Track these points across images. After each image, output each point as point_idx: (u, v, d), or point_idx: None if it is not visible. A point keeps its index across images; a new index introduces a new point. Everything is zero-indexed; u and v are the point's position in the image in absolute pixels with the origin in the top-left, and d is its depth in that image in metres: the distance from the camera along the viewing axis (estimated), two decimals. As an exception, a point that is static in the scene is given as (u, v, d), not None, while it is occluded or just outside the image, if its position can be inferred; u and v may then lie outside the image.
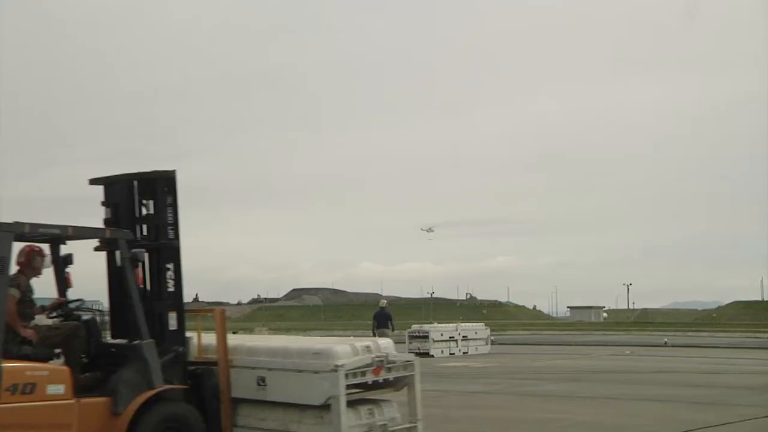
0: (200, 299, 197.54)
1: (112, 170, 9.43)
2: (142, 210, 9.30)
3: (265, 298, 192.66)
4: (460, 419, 13.84)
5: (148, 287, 9.19)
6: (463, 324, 35.83)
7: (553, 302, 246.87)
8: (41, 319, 8.84)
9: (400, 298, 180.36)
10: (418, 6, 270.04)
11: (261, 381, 8.99)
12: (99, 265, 9.39)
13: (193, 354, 9.38)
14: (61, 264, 9.15)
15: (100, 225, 9.23)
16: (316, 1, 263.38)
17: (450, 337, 32.43)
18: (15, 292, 8.22)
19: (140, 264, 8.99)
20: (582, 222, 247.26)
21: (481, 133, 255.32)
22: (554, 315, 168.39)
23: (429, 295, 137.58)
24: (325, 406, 8.53)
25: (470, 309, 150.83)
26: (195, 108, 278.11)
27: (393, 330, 28.36)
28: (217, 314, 9.42)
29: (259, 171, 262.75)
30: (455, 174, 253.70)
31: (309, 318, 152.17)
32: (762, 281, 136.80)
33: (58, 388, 7.92)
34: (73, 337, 8.62)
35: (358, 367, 8.68)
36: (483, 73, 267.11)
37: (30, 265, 8.49)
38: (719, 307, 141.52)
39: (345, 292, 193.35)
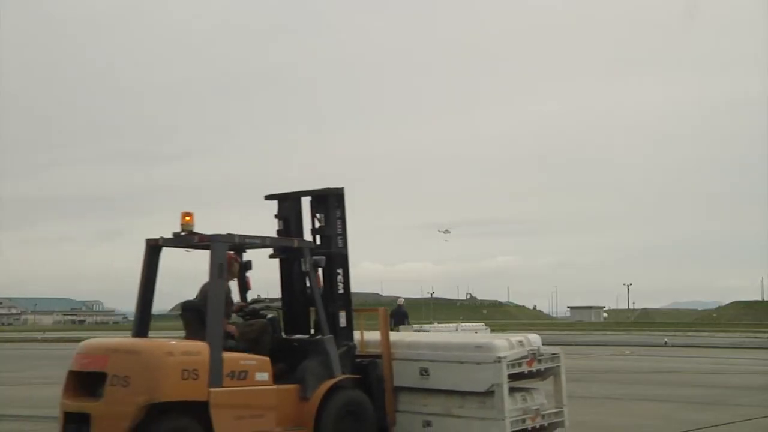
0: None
1: (112, 170, 9.72)
2: (315, 222, 10.47)
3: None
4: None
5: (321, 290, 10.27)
6: (463, 324, 35.78)
7: (553, 302, 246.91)
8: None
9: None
10: (418, 6, 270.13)
11: (424, 371, 10.10)
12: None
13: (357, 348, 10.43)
14: (243, 269, 10.39)
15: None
16: (316, 1, 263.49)
17: (450, 337, 32.38)
18: (229, 293, 9.51)
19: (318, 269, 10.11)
20: (582, 222, 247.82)
21: (481, 133, 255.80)
22: (554, 315, 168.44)
23: (429, 295, 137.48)
24: (487, 393, 9.58)
25: (470, 309, 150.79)
26: (195, 108, 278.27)
27: (411, 327, 28.69)
28: (380, 313, 10.63)
29: (260, 171, 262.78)
30: (455, 174, 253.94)
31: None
32: (762, 281, 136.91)
33: (263, 376, 9.11)
34: (263, 333, 9.81)
35: (516, 359, 9.77)
36: (483, 73, 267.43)
37: (229, 270, 9.48)
38: (719, 307, 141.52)
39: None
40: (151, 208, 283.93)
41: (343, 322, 10.13)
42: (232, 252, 9.68)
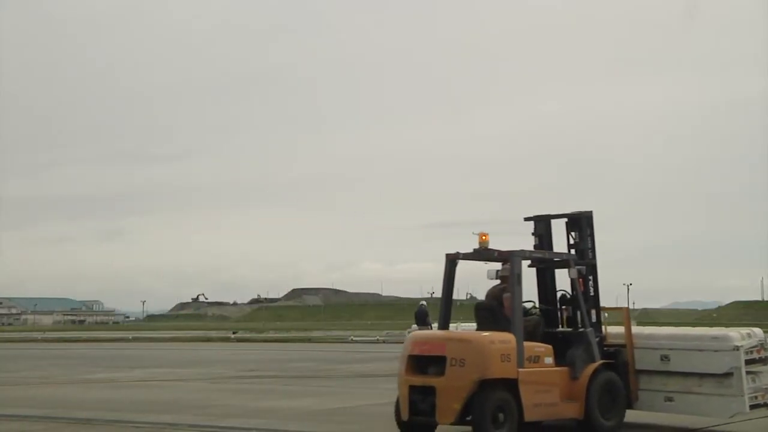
0: (200, 299, 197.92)
1: (112, 170, 9.70)
2: (569, 239, 12.89)
3: (265, 298, 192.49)
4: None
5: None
6: (463, 324, 35.71)
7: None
8: None
9: (400, 298, 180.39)
10: (418, 6, 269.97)
11: (664, 357, 12.35)
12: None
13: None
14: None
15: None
16: (316, 1, 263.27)
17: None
18: (508, 296, 11.79)
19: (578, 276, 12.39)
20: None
21: (481, 133, 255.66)
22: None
23: (429, 295, 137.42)
24: (725, 375, 11.81)
25: (471, 309, 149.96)
26: (195, 108, 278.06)
27: (430, 326, 29.61)
28: (624, 311, 13.41)
29: (260, 171, 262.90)
30: (455, 174, 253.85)
31: (309, 318, 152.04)
32: (762, 281, 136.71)
33: (549, 360, 11.62)
34: (536, 326, 12.16)
35: (750, 347, 11.98)
36: (483, 73, 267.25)
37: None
38: (719, 307, 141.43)
39: (345, 292, 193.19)
40: (151, 208, 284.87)
41: (594, 318, 12.49)
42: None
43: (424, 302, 32.98)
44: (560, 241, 13.05)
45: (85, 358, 34.19)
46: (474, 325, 12.44)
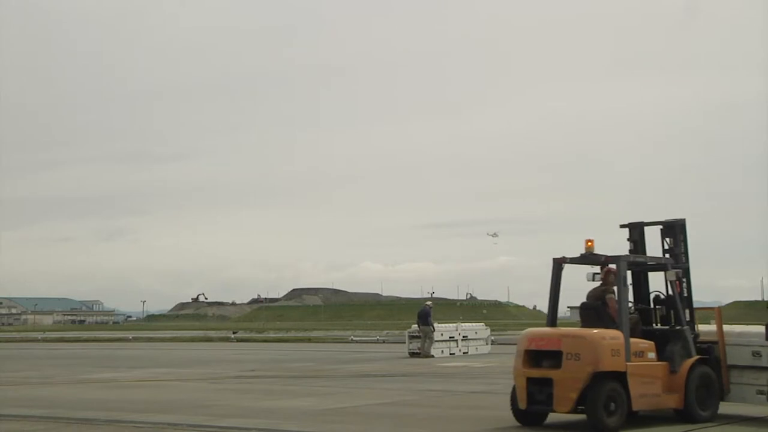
0: (200, 299, 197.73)
1: (112, 170, 9.65)
2: (664, 244, 13.98)
3: (265, 298, 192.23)
4: (461, 419, 13.86)
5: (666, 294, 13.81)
6: (463, 324, 35.80)
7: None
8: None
9: (400, 298, 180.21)
10: (418, 6, 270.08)
11: (756, 354, 13.27)
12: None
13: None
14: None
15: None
16: (317, 1, 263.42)
17: (450, 337, 32.43)
18: (612, 296, 13.01)
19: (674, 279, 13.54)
20: (582, 222, 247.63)
21: (481, 133, 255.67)
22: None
23: (429, 295, 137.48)
24: None
25: (470, 309, 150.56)
26: (195, 108, 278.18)
27: (432, 327, 31.06)
28: (717, 311, 14.30)
29: (260, 171, 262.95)
30: (455, 174, 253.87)
31: (309, 318, 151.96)
32: (762, 281, 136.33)
33: (652, 355, 12.80)
34: (636, 324, 13.34)
35: None
36: (483, 73, 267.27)
37: (608, 280, 13.21)
38: (719, 307, 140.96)
39: (345, 292, 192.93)
40: (151, 208, 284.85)
41: (688, 317, 13.52)
42: (611, 266, 13.13)
43: (430, 303, 33.69)
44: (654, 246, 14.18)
45: (85, 358, 34.19)
46: (474, 324, 12.75)
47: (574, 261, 13.40)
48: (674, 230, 13.94)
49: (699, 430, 12.55)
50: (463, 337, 32.90)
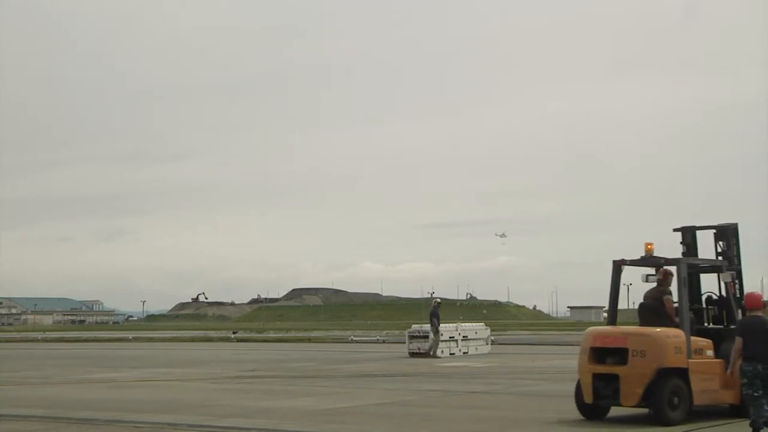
0: (200, 299, 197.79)
1: (112, 170, 9.64)
2: (717, 247, 14.74)
3: (265, 298, 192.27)
4: (461, 419, 13.86)
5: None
6: (463, 324, 35.80)
7: (553, 302, 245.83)
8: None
9: (400, 298, 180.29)
10: (419, 7, 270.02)
11: None
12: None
13: None
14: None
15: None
16: (317, 1, 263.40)
17: (450, 337, 32.39)
18: (669, 297, 13.70)
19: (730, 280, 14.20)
20: (582, 222, 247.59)
21: (482, 133, 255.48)
22: (554, 315, 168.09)
23: (429, 295, 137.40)
24: None
25: (470, 309, 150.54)
26: (194, 108, 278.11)
27: (437, 325, 31.12)
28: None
29: (260, 171, 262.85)
30: (455, 174, 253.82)
31: (309, 318, 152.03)
32: (762, 281, 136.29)
33: (710, 352, 13.38)
34: (693, 324, 13.55)
35: None
36: (483, 73, 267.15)
37: (666, 280, 13.86)
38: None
39: (345, 292, 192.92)
40: (151, 208, 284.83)
41: (740, 316, 13.75)
42: (668, 267, 13.79)
43: (439, 299, 34.16)
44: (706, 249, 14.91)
45: (85, 358, 34.17)
46: (474, 324, 12.80)
47: (634, 263, 13.97)
48: (727, 234, 14.67)
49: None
50: (463, 337, 32.86)
